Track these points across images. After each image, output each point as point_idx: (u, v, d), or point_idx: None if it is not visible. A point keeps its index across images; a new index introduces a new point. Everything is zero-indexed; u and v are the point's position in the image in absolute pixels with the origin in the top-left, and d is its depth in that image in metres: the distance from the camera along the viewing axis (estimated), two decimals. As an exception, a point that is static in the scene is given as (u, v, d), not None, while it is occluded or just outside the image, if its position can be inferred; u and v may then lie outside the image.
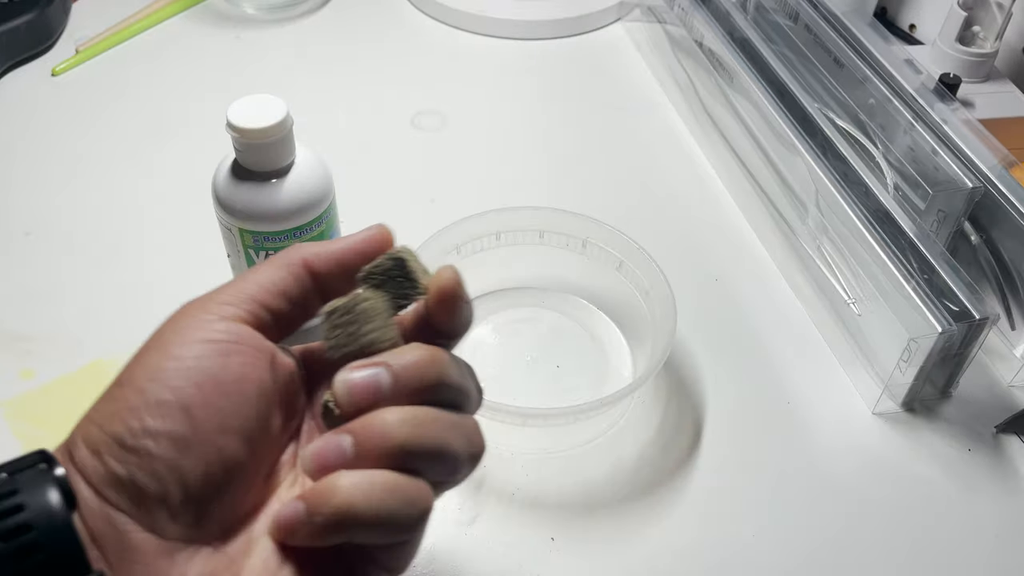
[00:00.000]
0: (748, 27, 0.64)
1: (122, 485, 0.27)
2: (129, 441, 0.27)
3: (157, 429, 0.27)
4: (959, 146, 0.53)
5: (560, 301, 0.54)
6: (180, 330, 0.30)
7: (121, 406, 0.28)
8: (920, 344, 0.46)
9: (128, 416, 0.28)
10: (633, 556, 0.43)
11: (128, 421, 0.28)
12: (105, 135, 0.66)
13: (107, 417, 0.28)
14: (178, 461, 0.28)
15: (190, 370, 0.28)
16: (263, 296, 0.31)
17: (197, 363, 0.29)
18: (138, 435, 0.27)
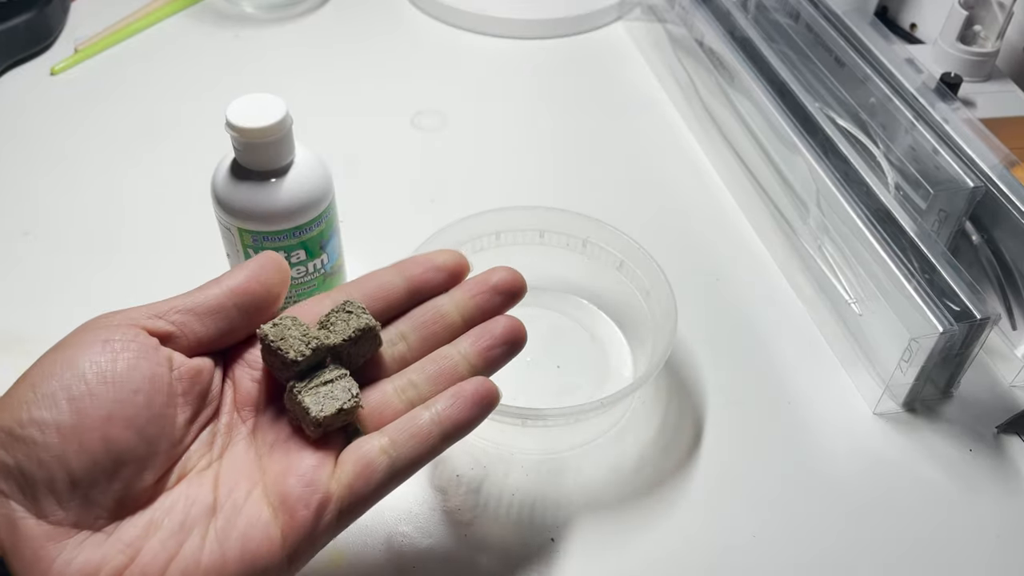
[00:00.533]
0: (749, 26, 0.64)
1: (10, 473, 0.30)
2: (17, 431, 0.30)
3: (43, 419, 0.30)
4: (960, 145, 0.53)
5: (560, 301, 0.54)
6: (79, 333, 0.32)
7: (13, 400, 0.30)
8: (921, 344, 0.45)
9: (18, 408, 0.30)
10: (633, 556, 0.43)
11: (17, 412, 0.30)
12: (104, 134, 0.66)
13: (0, 411, 0.30)
14: (63, 448, 0.30)
15: (80, 366, 0.31)
16: (179, 313, 0.34)
17: (88, 359, 0.31)
18: (25, 425, 0.30)
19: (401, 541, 0.43)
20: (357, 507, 0.33)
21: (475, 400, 0.35)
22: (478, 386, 0.35)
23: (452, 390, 0.35)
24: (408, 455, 0.34)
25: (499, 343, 0.37)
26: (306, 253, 0.48)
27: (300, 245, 0.47)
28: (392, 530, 0.44)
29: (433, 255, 0.39)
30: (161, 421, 0.32)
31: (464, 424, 0.35)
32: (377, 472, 0.33)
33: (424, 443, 0.34)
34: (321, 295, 0.38)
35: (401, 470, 0.34)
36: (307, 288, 0.50)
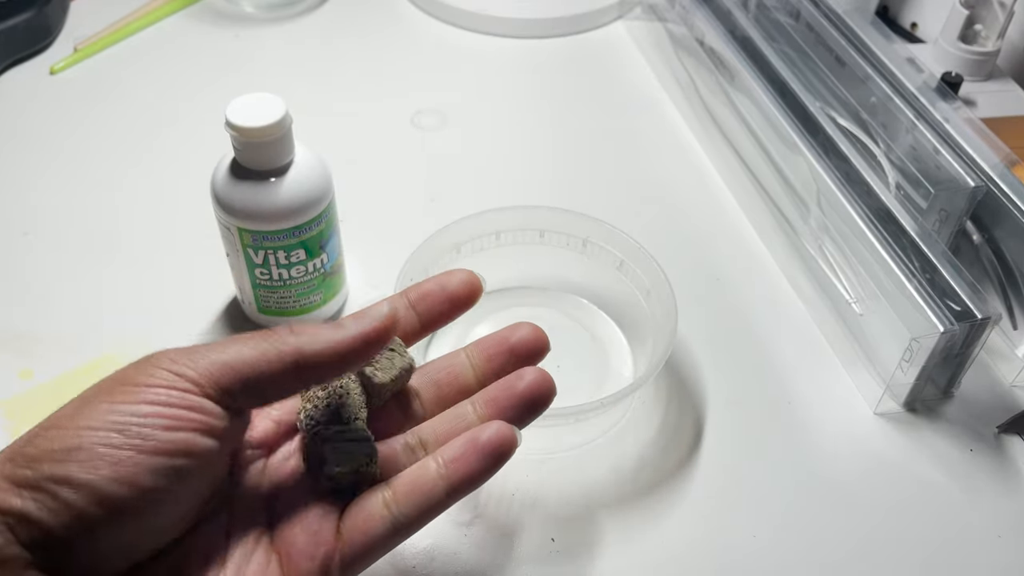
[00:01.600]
0: (749, 25, 0.64)
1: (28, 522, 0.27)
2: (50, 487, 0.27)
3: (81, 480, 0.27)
4: (961, 145, 0.53)
5: (560, 301, 0.54)
6: (135, 381, 0.29)
7: (56, 447, 0.28)
8: (922, 344, 0.45)
9: (56, 461, 0.27)
10: (633, 557, 0.43)
11: (54, 468, 0.27)
12: (103, 134, 0.66)
13: (39, 454, 0.28)
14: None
15: (131, 432, 0.28)
16: (232, 373, 0.31)
17: (140, 424, 0.28)
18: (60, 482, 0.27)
19: (401, 541, 0.43)
20: (358, 561, 0.32)
21: (489, 451, 0.33)
22: (493, 435, 0.33)
23: (466, 436, 0.33)
24: (411, 512, 0.32)
25: (518, 403, 0.35)
26: (306, 253, 0.48)
27: (300, 244, 0.47)
28: (392, 530, 0.44)
29: (445, 280, 0.37)
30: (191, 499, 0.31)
31: (474, 478, 0.33)
32: (378, 528, 0.32)
33: (428, 499, 0.32)
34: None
35: (404, 526, 0.32)
36: (307, 288, 0.49)
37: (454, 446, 0.33)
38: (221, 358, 0.30)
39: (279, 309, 0.50)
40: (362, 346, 0.32)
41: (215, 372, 0.30)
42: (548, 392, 0.35)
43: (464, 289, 0.37)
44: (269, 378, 0.31)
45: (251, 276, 0.49)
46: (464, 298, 0.37)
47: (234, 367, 0.30)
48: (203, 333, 0.52)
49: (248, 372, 0.30)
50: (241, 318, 0.53)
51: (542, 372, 0.35)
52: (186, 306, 0.53)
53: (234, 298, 0.53)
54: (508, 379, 0.35)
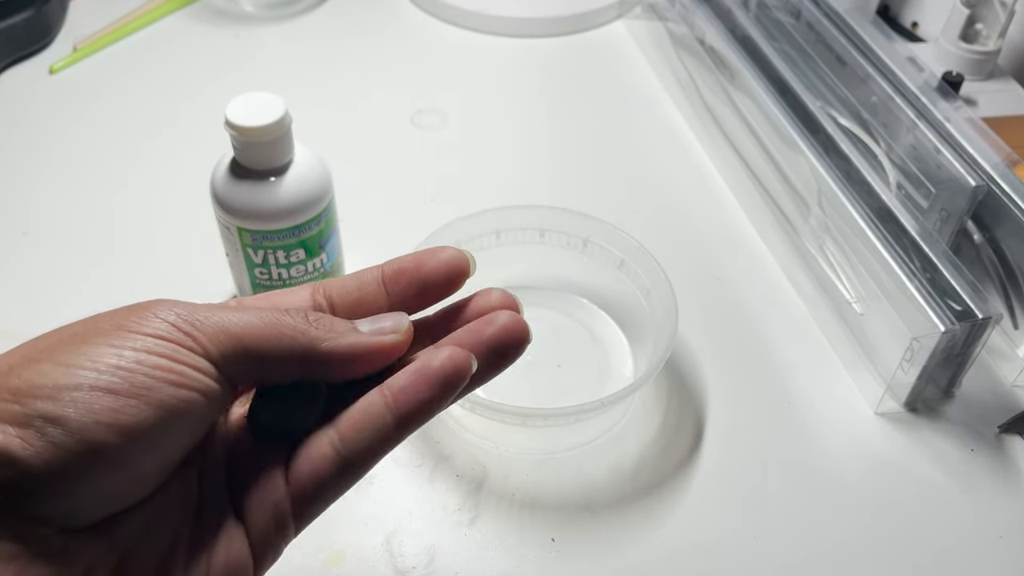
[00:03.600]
0: (750, 24, 0.64)
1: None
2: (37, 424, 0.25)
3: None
4: (962, 144, 0.53)
5: (561, 300, 0.54)
6: (135, 326, 0.27)
7: (48, 383, 0.26)
8: (923, 343, 0.45)
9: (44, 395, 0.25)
10: (633, 557, 0.43)
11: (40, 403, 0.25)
12: (103, 133, 0.66)
13: (31, 388, 0.26)
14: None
15: (136, 380, 0.26)
16: (237, 345, 0.29)
17: (147, 374, 0.27)
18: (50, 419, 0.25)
19: (401, 541, 0.43)
20: (310, 505, 0.30)
21: (440, 378, 0.30)
22: (445, 360, 0.30)
23: (415, 364, 0.30)
24: (359, 448, 0.30)
25: (486, 349, 0.31)
26: (305, 252, 0.48)
27: (299, 244, 0.47)
28: (392, 530, 0.44)
29: (425, 259, 0.33)
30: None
31: (424, 408, 0.30)
32: (325, 469, 0.30)
33: (376, 433, 0.30)
34: (298, 287, 0.34)
35: (353, 463, 0.30)
36: (306, 287, 0.49)
37: (402, 375, 0.30)
38: (229, 326, 0.28)
39: (279, 309, 0.50)
40: (376, 358, 0.30)
41: (221, 339, 0.28)
42: (521, 338, 0.31)
43: (443, 272, 0.32)
44: (272, 361, 0.29)
45: (251, 276, 0.48)
46: (444, 282, 0.32)
47: (242, 340, 0.28)
48: (203, 333, 0.52)
49: (253, 347, 0.28)
50: (241, 318, 0.53)
51: (514, 316, 0.32)
52: (186, 306, 0.53)
53: (234, 297, 0.53)
54: (477, 323, 0.32)
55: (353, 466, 0.30)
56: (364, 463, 0.30)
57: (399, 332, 0.31)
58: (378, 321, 0.31)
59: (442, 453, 0.47)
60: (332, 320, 0.31)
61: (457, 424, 0.48)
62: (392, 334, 0.31)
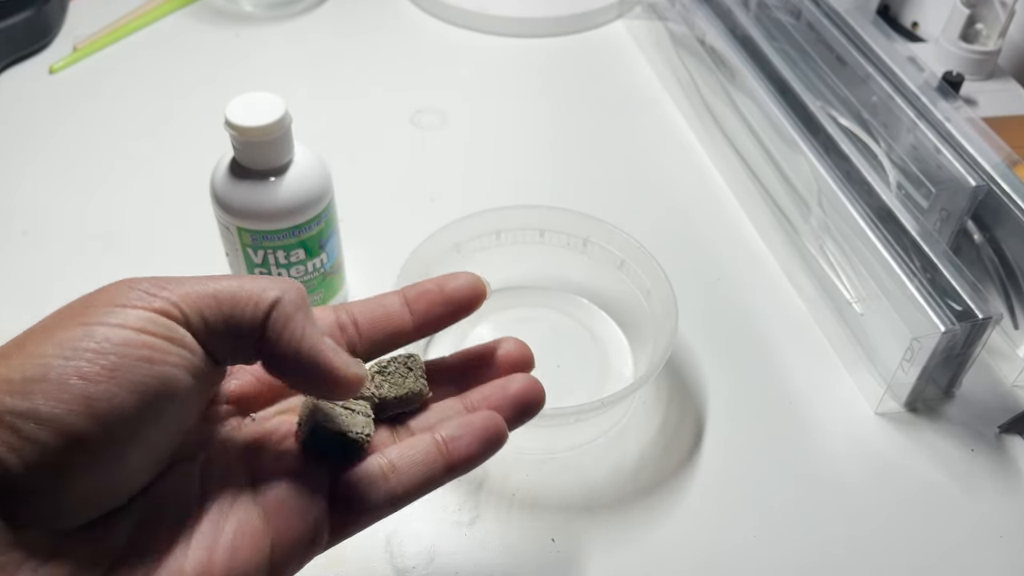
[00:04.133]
0: (750, 24, 0.64)
1: None
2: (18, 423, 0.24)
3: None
4: (962, 144, 0.53)
5: (561, 300, 0.54)
6: (108, 309, 0.26)
7: (16, 376, 0.25)
8: (923, 344, 0.45)
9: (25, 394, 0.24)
10: (634, 557, 0.43)
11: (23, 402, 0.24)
12: (102, 133, 0.66)
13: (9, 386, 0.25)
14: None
15: (107, 361, 0.25)
16: (215, 305, 0.28)
17: (120, 353, 0.25)
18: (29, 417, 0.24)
19: (401, 541, 0.43)
20: (349, 527, 0.31)
21: (486, 435, 0.32)
22: (496, 422, 0.32)
23: (463, 420, 0.33)
24: (409, 484, 0.32)
25: (508, 405, 0.33)
26: (305, 252, 0.48)
27: (299, 244, 0.47)
28: (392, 530, 0.44)
29: (445, 281, 0.35)
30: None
31: (472, 459, 0.32)
32: (374, 496, 0.31)
33: (427, 474, 0.32)
34: (319, 308, 0.34)
35: (399, 497, 0.32)
36: (307, 288, 0.49)
37: (452, 425, 0.32)
38: (203, 287, 0.28)
39: (279, 309, 0.50)
40: (315, 373, 0.29)
41: (198, 302, 0.27)
42: (538, 398, 0.34)
43: (465, 292, 0.35)
44: (244, 325, 0.28)
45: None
46: (464, 302, 0.35)
47: (217, 298, 0.28)
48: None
49: (228, 306, 0.28)
50: (241, 318, 0.53)
51: (532, 378, 0.34)
52: (185, 306, 0.53)
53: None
54: (498, 382, 0.34)
55: (398, 500, 0.32)
56: (408, 498, 0.32)
57: (354, 369, 0.30)
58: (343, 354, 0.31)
59: (442, 453, 0.47)
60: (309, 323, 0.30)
61: (457, 424, 0.48)
62: (352, 368, 0.30)
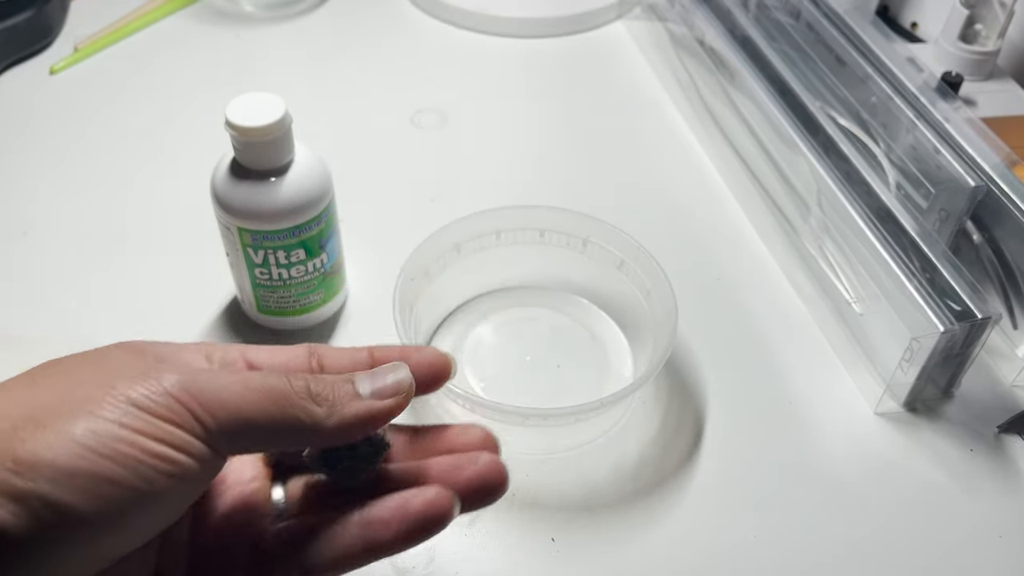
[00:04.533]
0: (749, 25, 0.64)
1: None
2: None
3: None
4: (961, 145, 0.53)
5: (560, 300, 0.54)
6: (134, 402, 0.27)
7: (49, 457, 0.25)
8: (922, 344, 0.45)
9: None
10: (633, 557, 0.43)
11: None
12: (103, 133, 0.66)
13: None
14: None
15: (120, 458, 0.26)
16: (237, 422, 0.28)
17: (134, 458, 0.26)
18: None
19: (401, 541, 0.43)
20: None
21: (419, 520, 0.30)
22: (427, 504, 0.30)
23: (397, 501, 0.30)
24: (319, 563, 0.30)
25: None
26: (306, 252, 0.48)
27: (299, 244, 0.47)
28: (392, 530, 0.44)
29: (412, 354, 0.33)
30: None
31: (397, 545, 0.30)
32: (287, 566, 0.30)
33: (344, 553, 0.30)
34: (295, 347, 0.33)
35: (310, 571, 0.30)
36: (306, 287, 0.49)
37: (384, 508, 0.30)
38: (231, 400, 0.28)
39: (279, 309, 0.50)
40: (376, 423, 0.30)
41: (222, 415, 0.28)
42: (500, 483, 0.32)
43: (425, 370, 0.33)
44: (275, 437, 0.29)
45: (251, 276, 0.49)
46: (425, 378, 0.33)
47: (244, 414, 0.28)
48: (203, 333, 0.52)
49: (256, 422, 0.28)
50: (241, 318, 0.53)
51: (496, 461, 0.32)
52: (186, 305, 0.53)
53: (234, 298, 0.53)
54: (459, 458, 0.32)
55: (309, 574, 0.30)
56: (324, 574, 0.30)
57: (399, 394, 0.31)
58: (379, 378, 0.31)
59: (442, 453, 0.47)
60: (334, 386, 0.30)
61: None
62: (392, 396, 0.31)
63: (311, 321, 0.52)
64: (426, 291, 0.50)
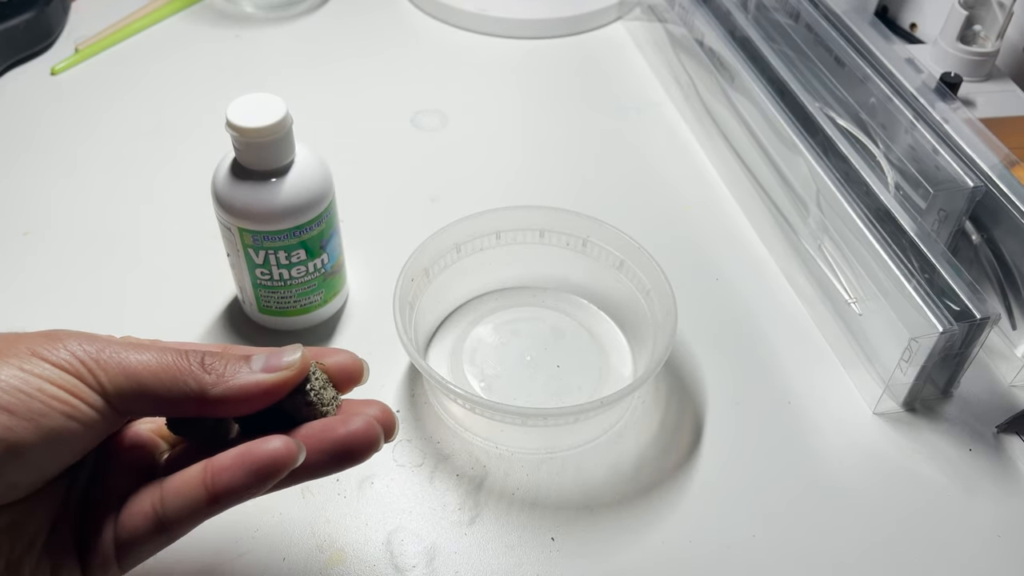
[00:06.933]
0: (749, 26, 0.64)
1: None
2: None
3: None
4: (960, 145, 0.53)
5: (560, 301, 0.54)
6: (30, 352, 0.30)
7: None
8: (921, 344, 0.45)
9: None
10: (633, 556, 0.43)
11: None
12: (104, 134, 0.66)
13: None
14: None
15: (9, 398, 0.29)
16: (134, 383, 0.31)
17: (29, 394, 0.29)
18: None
19: (401, 540, 0.43)
20: (130, 555, 0.33)
21: (257, 470, 0.31)
22: (270, 453, 0.31)
23: (240, 449, 0.32)
24: (173, 514, 0.32)
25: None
26: (306, 253, 0.48)
27: (300, 245, 0.47)
28: (392, 529, 0.44)
29: (327, 352, 0.36)
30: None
31: (238, 493, 0.32)
32: (142, 525, 0.32)
33: (191, 503, 0.32)
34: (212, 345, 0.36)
35: (168, 526, 0.32)
36: (307, 288, 0.50)
37: (227, 456, 0.32)
38: (129, 365, 0.31)
39: (280, 309, 0.50)
40: (268, 396, 0.33)
41: (120, 378, 0.31)
42: (367, 446, 0.33)
43: (334, 370, 0.36)
44: (165, 401, 0.32)
45: (252, 276, 0.49)
46: (336, 379, 0.36)
47: (139, 379, 0.31)
48: (204, 332, 0.52)
49: (149, 388, 0.31)
50: (242, 318, 0.53)
51: (370, 423, 0.33)
52: (187, 306, 0.54)
53: (235, 298, 0.54)
54: (333, 420, 0.34)
55: (168, 528, 0.32)
56: (178, 528, 0.33)
57: (291, 368, 0.33)
58: (275, 356, 0.33)
59: (442, 453, 0.47)
60: (227, 360, 0.33)
61: (457, 424, 0.48)
62: (284, 371, 0.33)
63: (312, 321, 0.52)
64: (426, 291, 0.50)
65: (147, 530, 0.32)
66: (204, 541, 0.42)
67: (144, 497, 0.33)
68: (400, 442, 0.47)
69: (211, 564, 0.42)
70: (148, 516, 0.32)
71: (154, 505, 0.32)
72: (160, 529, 0.32)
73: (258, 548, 0.43)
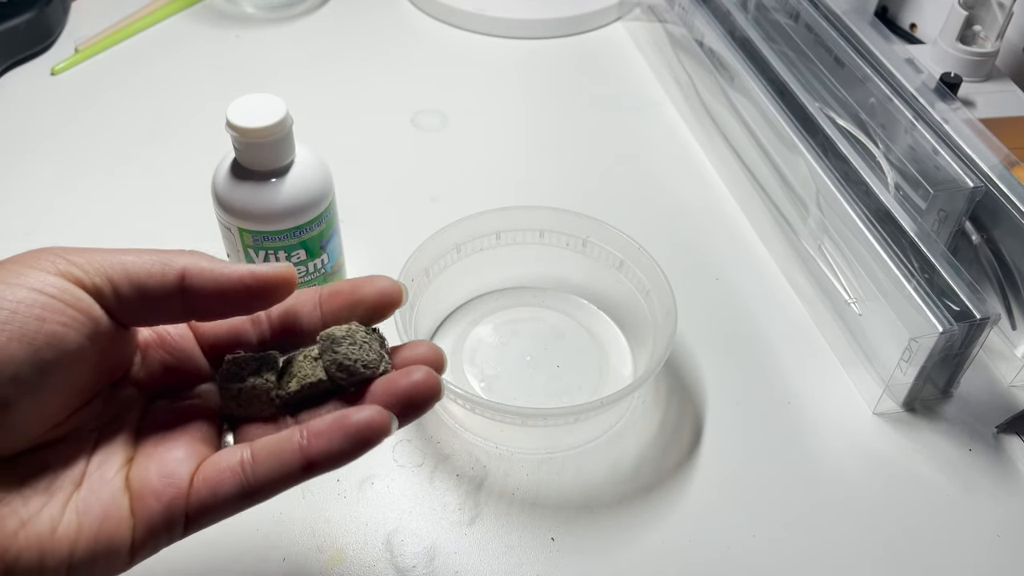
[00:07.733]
0: (749, 26, 0.64)
1: None
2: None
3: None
4: (960, 145, 0.53)
5: (560, 301, 0.54)
6: (17, 270, 0.29)
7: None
8: (921, 344, 0.45)
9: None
10: (633, 556, 0.43)
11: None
12: (104, 134, 0.66)
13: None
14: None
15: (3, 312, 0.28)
16: (119, 276, 0.31)
17: (14, 309, 0.28)
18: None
19: (401, 541, 0.43)
20: (204, 516, 0.30)
21: (354, 432, 0.30)
22: (363, 417, 0.30)
23: (336, 415, 0.31)
24: (263, 478, 0.30)
25: (396, 401, 0.32)
26: (306, 253, 0.48)
27: (300, 245, 0.47)
28: (392, 530, 0.44)
29: (360, 283, 0.34)
30: (63, 389, 0.30)
31: (334, 457, 0.30)
32: (227, 486, 0.30)
33: (283, 468, 0.30)
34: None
35: (254, 490, 0.30)
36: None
37: (322, 421, 0.31)
38: (114, 257, 0.31)
39: (280, 309, 0.50)
40: (244, 289, 0.32)
41: (109, 271, 0.30)
42: (432, 395, 0.32)
43: (374, 296, 0.34)
44: (156, 291, 0.31)
45: (252, 276, 0.49)
46: (374, 306, 0.34)
47: (128, 269, 0.30)
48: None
49: (139, 278, 0.30)
50: (242, 318, 0.53)
51: (430, 373, 0.32)
52: (187, 306, 0.53)
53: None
54: (394, 375, 0.33)
55: (253, 493, 0.31)
56: (263, 492, 0.31)
57: (275, 271, 0.32)
58: (262, 265, 0.33)
59: (442, 453, 0.47)
60: (213, 258, 0.32)
61: (457, 424, 0.48)
62: (270, 271, 0.32)
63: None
64: (426, 291, 0.50)
65: (231, 491, 0.30)
66: (204, 541, 0.42)
67: (228, 458, 0.31)
68: (400, 442, 0.47)
69: (211, 564, 0.42)
70: (236, 478, 0.30)
71: (244, 467, 0.30)
72: (244, 491, 0.30)
73: (258, 548, 0.43)
